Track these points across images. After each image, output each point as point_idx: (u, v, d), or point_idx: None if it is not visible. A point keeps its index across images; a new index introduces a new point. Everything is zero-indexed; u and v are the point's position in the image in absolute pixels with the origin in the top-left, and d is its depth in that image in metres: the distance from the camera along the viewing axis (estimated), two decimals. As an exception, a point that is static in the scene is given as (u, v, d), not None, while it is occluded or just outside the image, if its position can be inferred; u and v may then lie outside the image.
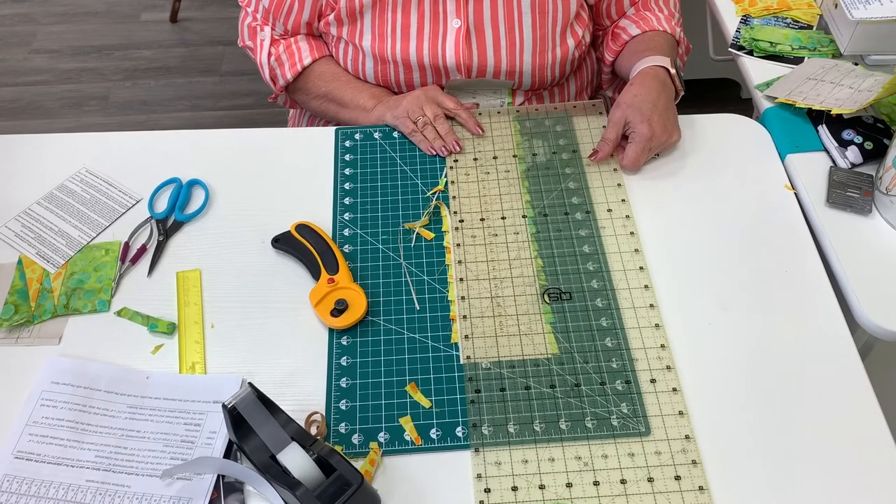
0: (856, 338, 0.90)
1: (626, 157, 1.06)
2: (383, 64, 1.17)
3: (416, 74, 1.17)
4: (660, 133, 1.06)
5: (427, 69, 1.16)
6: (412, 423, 0.83)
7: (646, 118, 1.05)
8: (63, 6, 2.84)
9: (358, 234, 1.01)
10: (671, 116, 1.09)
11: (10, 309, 0.93)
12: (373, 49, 1.15)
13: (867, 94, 1.09)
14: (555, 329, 0.91)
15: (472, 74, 1.17)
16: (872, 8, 1.19)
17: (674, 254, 0.99)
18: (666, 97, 1.09)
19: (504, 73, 1.17)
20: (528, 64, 1.16)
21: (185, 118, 2.44)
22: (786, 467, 0.80)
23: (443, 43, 1.14)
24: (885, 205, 1.01)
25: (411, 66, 1.16)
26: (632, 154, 1.06)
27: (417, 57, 1.14)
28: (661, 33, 1.20)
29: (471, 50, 1.14)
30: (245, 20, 1.24)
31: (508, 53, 1.15)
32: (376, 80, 1.19)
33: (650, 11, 1.22)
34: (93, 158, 1.10)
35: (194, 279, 0.97)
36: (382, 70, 1.17)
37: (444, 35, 1.13)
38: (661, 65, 1.12)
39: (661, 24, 1.20)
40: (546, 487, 0.79)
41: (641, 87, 1.09)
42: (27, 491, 0.79)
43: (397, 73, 1.17)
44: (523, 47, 1.15)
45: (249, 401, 0.78)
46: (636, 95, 1.07)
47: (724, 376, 0.87)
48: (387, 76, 1.18)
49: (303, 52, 1.21)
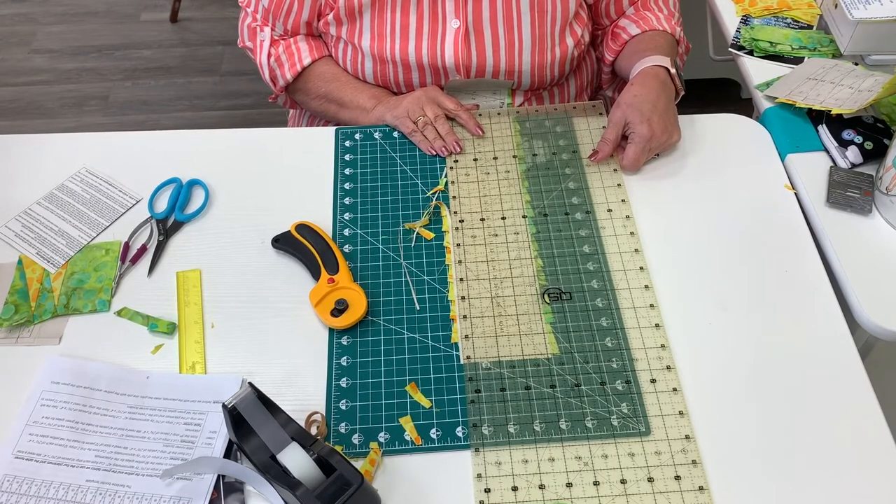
0: (856, 338, 0.90)
1: (626, 158, 1.06)
2: (382, 64, 1.17)
3: (416, 75, 1.17)
4: (660, 133, 1.06)
5: (426, 69, 1.16)
6: (412, 423, 0.83)
7: (646, 118, 1.05)
8: (63, 6, 2.84)
9: (358, 234, 1.01)
10: (671, 117, 1.09)
11: (10, 309, 0.93)
12: (372, 49, 1.15)
13: (867, 94, 1.09)
14: (555, 329, 0.91)
15: (472, 75, 1.17)
16: (872, 8, 1.19)
17: (674, 254, 0.99)
18: (666, 97, 1.09)
19: (503, 73, 1.17)
20: (528, 63, 1.16)
21: (185, 118, 2.44)
22: (786, 467, 0.80)
23: (441, 43, 1.14)
24: (885, 205, 1.01)
25: (410, 67, 1.16)
26: (631, 154, 1.05)
27: (416, 57, 1.14)
28: (661, 33, 1.19)
29: (469, 50, 1.14)
30: (245, 21, 1.24)
31: (507, 53, 1.15)
32: (375, 80, 1.20)
33: (650, 11, 1.22)
34: (93, 158, 1.10)
35: (194, 279, 0.97)
36: (382, 70, 1.17)
37: (443, 35, 1.13)
38: (661, 64, 1.11)
39: (660, 24, 1.19)
40: (546, 487, 0.79)
41: (642, 87, 1.09)
42: (27, 491, 0.79)
43: (396, 73, 1.17)
44: (522, 47, 1.15)
45: (249, 401, 0.78)
46: (636, 95, 1.07)
47: (724, 376, 0.87)
48: (386, 76, 1.18)
49: (302, 53, 1.21)
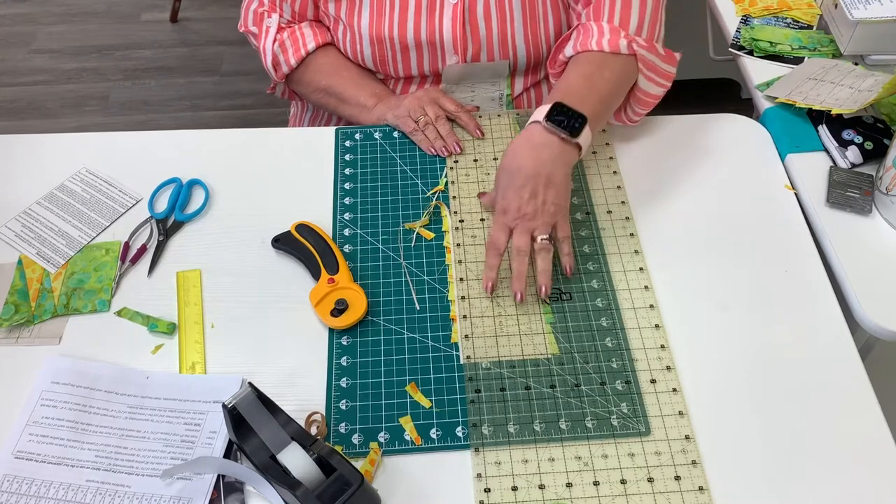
0: (856, 338, 0.90)
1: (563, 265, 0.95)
2: (381, 46, 1.16)
3: (413, 55, 1.17)
4: (520, 208, 0.92)
5: (424, 48, 1.16)
6: (412, 423, 0.83)
7: (500, 189, 0.95)
8: (63, 6, 2.84)
9: (358, 234, 1.01)
10: (538, 185, 0.93)
11: (10, 309, 0.93)
12: (370, 30, 1.15)
13: (867, 94, 1.09)
14: (555, 329, 0.91)
15: (468, 55, 1.16)
16: (872, 8, 1.19)
17: (674, 254, 0.99)
18: (534, 163, 0.93)
19: (497, 47, 1.16)
20: (521, 34, 1.15)
21: (185, 118, 2.44)
22: (786, 467, 0.80)
23: (440, 19, 1.14)
24: (885, 205, 1.01)
25: (408, 46, 1.16)
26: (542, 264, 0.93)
27: (415, 34, 1.14)
28: (595, 55, 1.03)
29: (465, 26, 1.14)
30: (250, 6, 1.23)
31: (499, 23, 1.14)
32: (374, 64, 1.19)
33: (598, 21, 1.05)
34: (93, 158, 1.10)
35: (194, 279, 0.97)
36: (380, 53, 1.17)
37: (441, 10, 1.14)
38: (536, 120, 0.96)
39: (597, 43, 1.03)
40: (546, 487, 0.79)
41: (511, 156, 0.95)
42: (27, 491, 0.79)
43: (395, 54, 1.17)
44: (513, 16, 1.14)
45: (249, 401, 0.78)
46: (504, 159, 0.96)
47: (724, 376, 0.87)
48: (385, 59, 1.18)
49: (307, 38, 1.20)
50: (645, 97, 1.07)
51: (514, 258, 0.92)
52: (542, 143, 0.94)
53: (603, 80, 1.01)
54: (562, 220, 0.95)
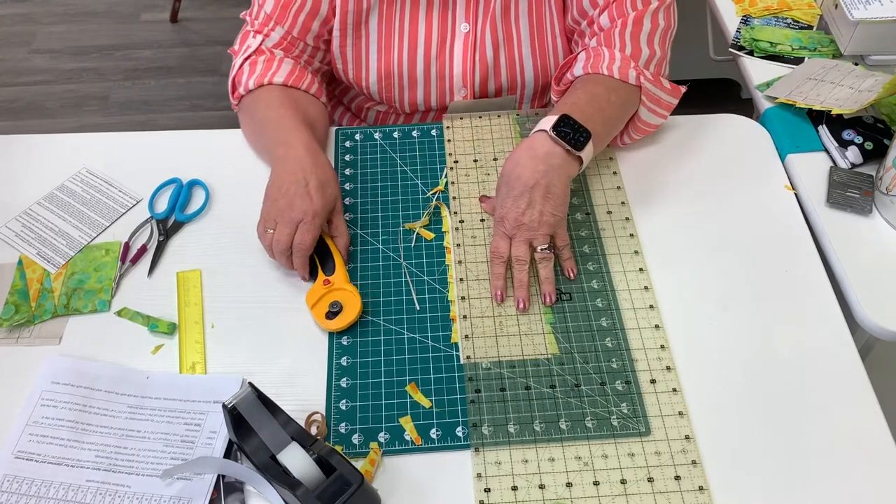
0: (856, 338, 0.90)
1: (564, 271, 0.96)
2: (388, 80, 1.14)
3: (420, 91, 1.15)
4: (518, 217, 0.92)
5: (432, 81, 1.14)
6: (412, 423, 0.83)
7: (500, 198, 0.95)
8: (63, 6, 2.85)
9: (358, 234, 1.01)
10: (538, 195, 0.93)
11: (10, 309, 0.93)
12: (378, 64, 1.13)
13: (867, 95, 1.09)
14: (555, 329, 0.91)
15: (476, 89, 1.14)
16: (872, 8, 1.19)
17: (674, 254, 0.99)
18: (531, 173, 0.93)
19: (505, 70, 1.14)
20: (529, 57, 1.14)
21: (185, 118, 2.44)
22: (785, 467, 0.80)
23: (451, 50, 1.12)
24: (885, 205, 1.01)
25: (416, 80, 1.14)
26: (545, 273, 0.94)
27: (424, 66, 1.12)
28: (604, 78, 1.02)
29: (474, 52, 1.12)
30: (243, 29, 1.15)
31: (507, 48, 1.13)
32: (380, 96, 1.16)
33: (609, 48, 1.05)
34: (93, 158, 1.10)
35: (194, 279, 0.97)
36: (387, 86, 1.15)
37: (452, 41, 1.12)
38: (543, 129, 0.96)
39: (608, 68, 1.02)
40: (546, 487, 0.79)
41: (512, 164, 0.95)
42: (27, 491, 0.79)
43: (401, 89, 1.15)
44: (521, 42, 1.13)
45: (249, 401, 0.78)
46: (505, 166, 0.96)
47: (724, 376, 0.87)
48: (391, 94, 1.15)
49: (281, 71, 1.07)
50: (644, 126, 1.08)
51: (514, 268, 0.93)
52: (546, 153, 0.94)
53: (609, 103, 1.01)
54: (560, 230, 0.95)
